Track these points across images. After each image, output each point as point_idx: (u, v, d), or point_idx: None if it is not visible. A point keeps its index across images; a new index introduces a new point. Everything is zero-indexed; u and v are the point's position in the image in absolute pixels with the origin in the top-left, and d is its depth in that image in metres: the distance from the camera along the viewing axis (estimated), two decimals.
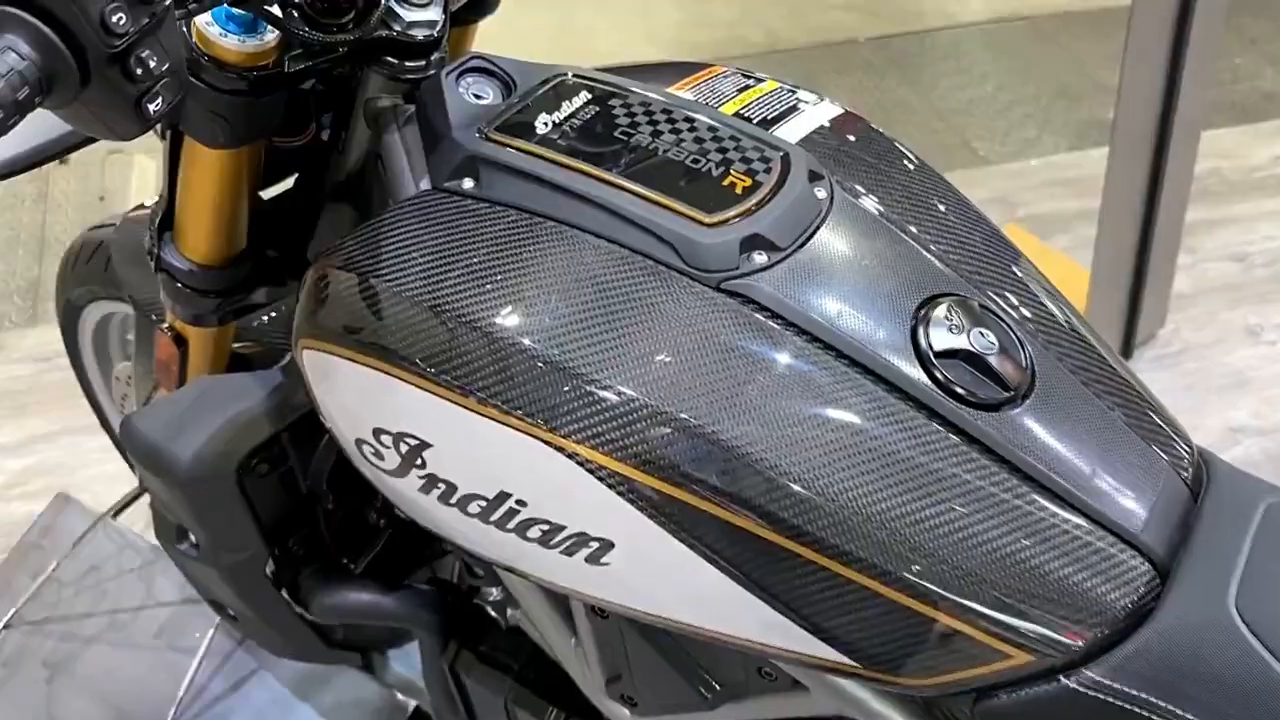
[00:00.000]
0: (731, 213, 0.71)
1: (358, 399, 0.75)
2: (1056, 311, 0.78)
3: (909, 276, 0.72)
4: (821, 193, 0.75)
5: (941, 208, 0.81)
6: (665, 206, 0.72)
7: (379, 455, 0.75)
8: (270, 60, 0.77)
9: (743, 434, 0.65)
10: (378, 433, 0.74)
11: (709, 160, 0.75)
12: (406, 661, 1.19)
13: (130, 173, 2.60)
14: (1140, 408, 0.74)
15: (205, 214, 0.88)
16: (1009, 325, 0.72)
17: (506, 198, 0.75)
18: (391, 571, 0.98)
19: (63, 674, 1.53)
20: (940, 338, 0.69)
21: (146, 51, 0.56)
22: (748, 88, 0.85)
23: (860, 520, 0.65)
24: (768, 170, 0.74)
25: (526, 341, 0.68)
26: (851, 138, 0.83)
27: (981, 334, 0.70)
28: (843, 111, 0.85)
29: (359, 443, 0.76)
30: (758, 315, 0.69)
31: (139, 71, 0.56)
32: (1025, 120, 2.79)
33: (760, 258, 0.70)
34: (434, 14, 0.80)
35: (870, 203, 0.77)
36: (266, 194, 0.97)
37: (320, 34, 0.75)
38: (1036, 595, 0.66)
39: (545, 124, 0.77)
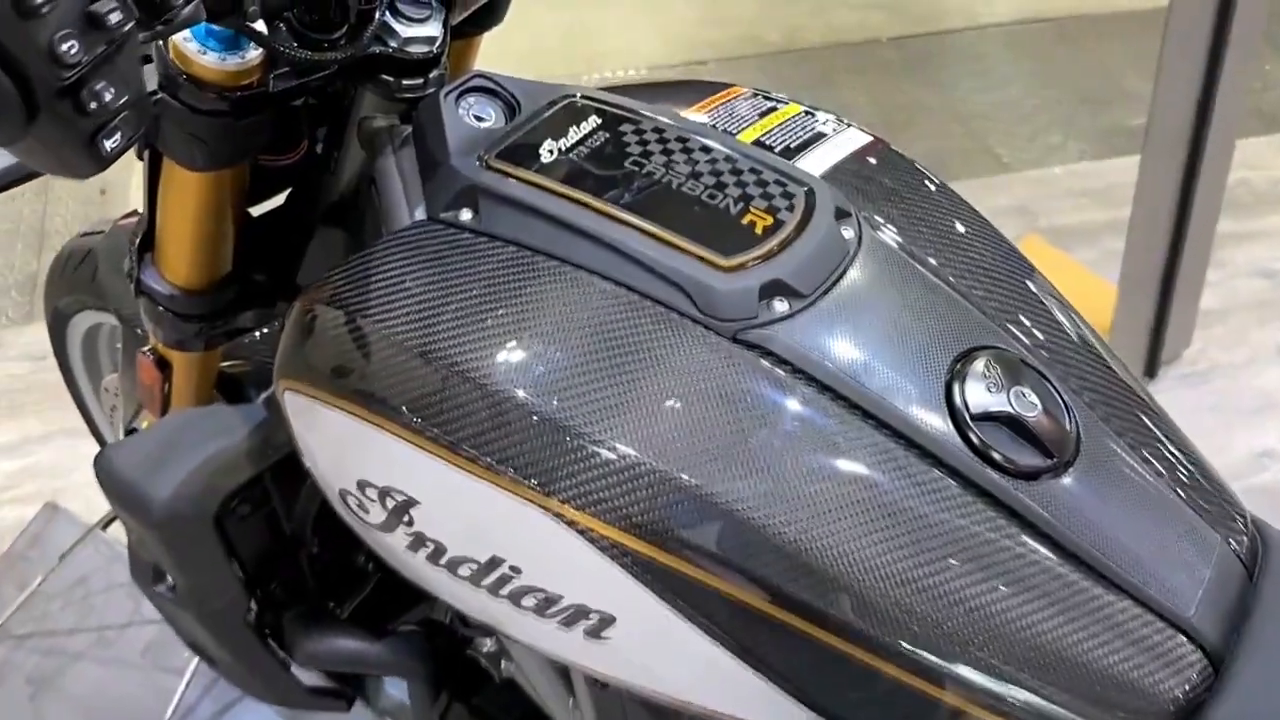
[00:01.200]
0: (750, 255, 0.65)
1: (341, 448, 0.69)
2: (1099, 362, 0.72)
3: (943, 327, 0.67)
4: (849, 232, 0.69)
5: (975, 245, 0.75)
6: (678, 247, 0.66)
7: (363, 508, 0.69)
8: (254, 79, 0.71)
9: (758, 504, 0.60)
10: (362, 485, 0.68)
11: (727, 195, 0.69)
12: (399, 685, 1.14)
13: (133, 165, 2.55)
14: (1190, 471, 0.68)
15: (186, 236, 0.83)
16: (1051, 382, 0.66)
17: (506, 232, 0.69)
18: (380, 616, 0.92)
19: (47, 691, 1.49)
20: (977, 397, 0.63)
21: (102, 83, 0.50)
22: (769, 112, 0.79)
23: (884, 602, 0.59)
24: (790, 207, 0.68)
25: (521, 395, 0.62)
26: (879, 168, 0.77)
27: (1022, 394, 0.64)
28: (870, 139, 0.79)
29: (343, 493, 0.70)
30: (777, 369, 0.63)
31: (93, 105, 0.50)
32: (1049, 126, 2.72)
33: (781, 305, 0.65)
34: (432, 29, 0.75)
35: (901, 242, 0.71)
36: (259, 208, 0.92)
37: (308, 52, 0.69)
38: (1076, 685, 0.60)
39: (550, 151, 0.72)
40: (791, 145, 0.76)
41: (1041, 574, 0.61)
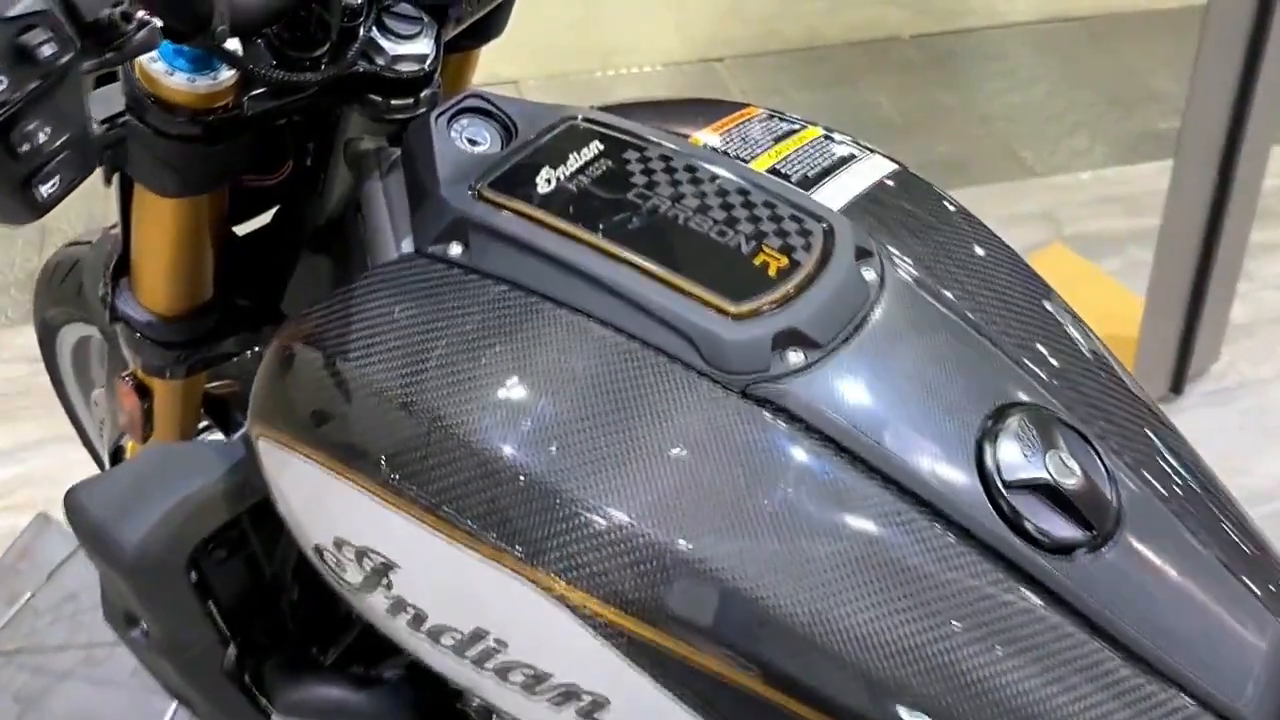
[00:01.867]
0: (763, 300, 0.60)
1: (317, 502, 0.64)
2: (1142, 413, 0.66)
3: (974, 379, 0.61)
4: (870, 274, 0.63)
5: (1003, 281, 0.69)
6: (684, 291, 0.60)
7: (340, 566, 0.64)
8: (227, 101, 0.65)
9: (768, 583, 0.54)
10: (339, 543, 0.63)
11: (738, 233, 0.63)
12: None
13: None
14: (1244, 544, 0.62)
15: (162, 263, 0.78)
16: (1092, 443, 0.61)
17: (498, 269, 0.63)
18: (365, 664, 0.87)
19: (34, 711, 1.44)
20: (1011, 462, 0.58)
21: (35, 122, 0.45)
22: (785, 136, 0.74)
23: (905, 693, 0.54)
24: (807, 246, 0.63)
25: (507, 453, 0.57)
26: (901, 198, 0.71)
27: (1061, 459, 0.58)
28: (893, 166, 0.73)
29: (319, 549, 0.65)
30: (790, 428, 0.58)
31: (25, 148, 0.45)
32: (1075, 129, 2.64)
33: (795, 357, 0.59)
34: (422, 46, 0.69)
35: (927, 283, 0.65)
36: (248, 223, 0.87)
37: (286, 72, 0.64)
38: None
39: (548, 180, 0.66)
40: (809, 174, 0.70)
41: (1079, 660, 0.55)
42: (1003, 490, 0.57)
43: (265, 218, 0.87)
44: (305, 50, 0.66)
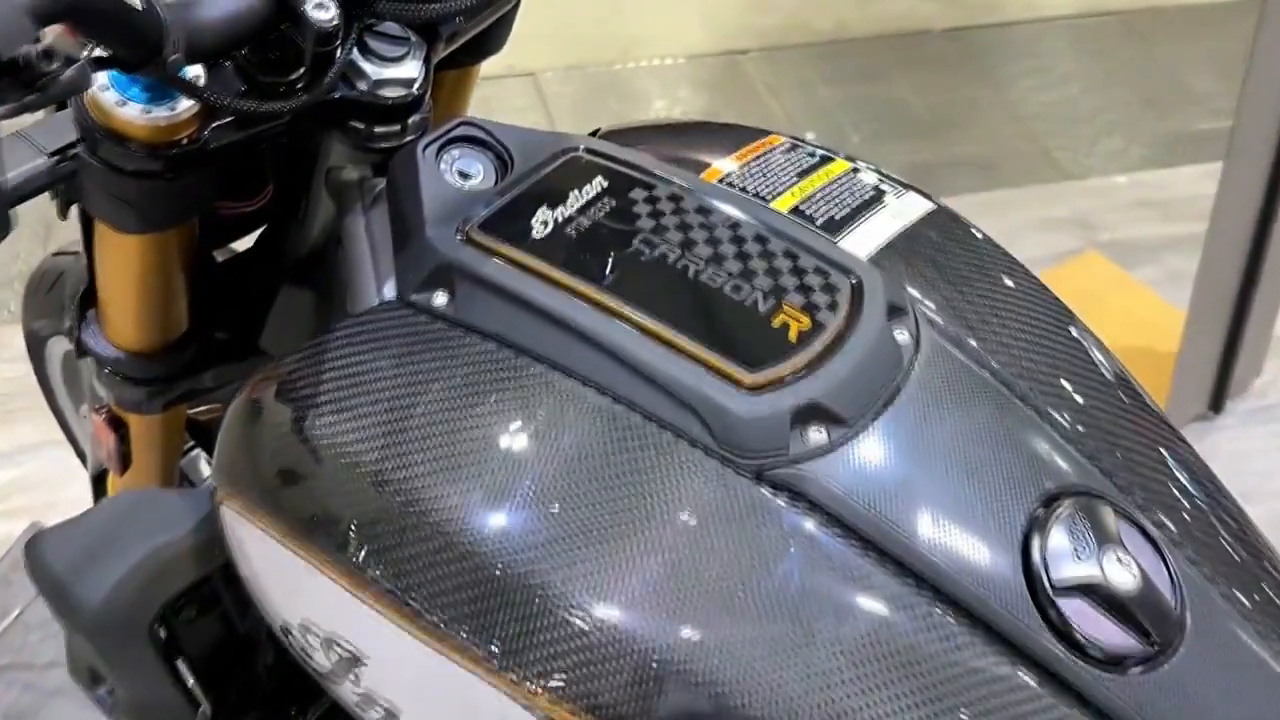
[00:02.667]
0: (782, 369, 0.53)
1: (281, 580, 0.58)
2: (1202, 492, 0.59)
3: (1021, 462, 0.54)
4: (904, 336, 0.56)
5: (1055, 343, 0.62)
6: (692, 356, 0.54)
7: (308, 651, 0.58)
8: (188, 133, 0.59)
9: (781, 703, 0.47)
10: (305, 627, 0.57)
11: (755, 287, 0.56)
12: None
13: None
14: None
15: (129, 300, 0.71)
16: (1152, 538, 0.54)
17: (485, 323, 0.57)
18: None
19: None
20: (1061, 562, 0.51)
21: None
22: (810, 171, 0.67)
23: None
24: (833, 305, 0.56)
25: (486, 542, 0.50)
26: (940, 245, 0.64)
27: (1118, 558, 0.51)
28: (930, 206, 0.66)
29: (285, 629, 0.59)
30: (811, 520, 0.51)
31: None
32: (1110, 129, 2.55)
33: (818, 436, 0.52)
34: (409, 70, 0.63)
35: (968, 345, 0.58)
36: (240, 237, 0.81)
37: (254, 102, 0.57)
38: None
39: (544, 223, 0.60)
40: (836, 216, 0.63)
41: None
42: (1050, 594, 0.50)
43: (252, 237, 0.81)
44: (278, 74, 0.59)
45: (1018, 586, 0.50)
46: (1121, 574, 0.51)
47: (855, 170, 0.67)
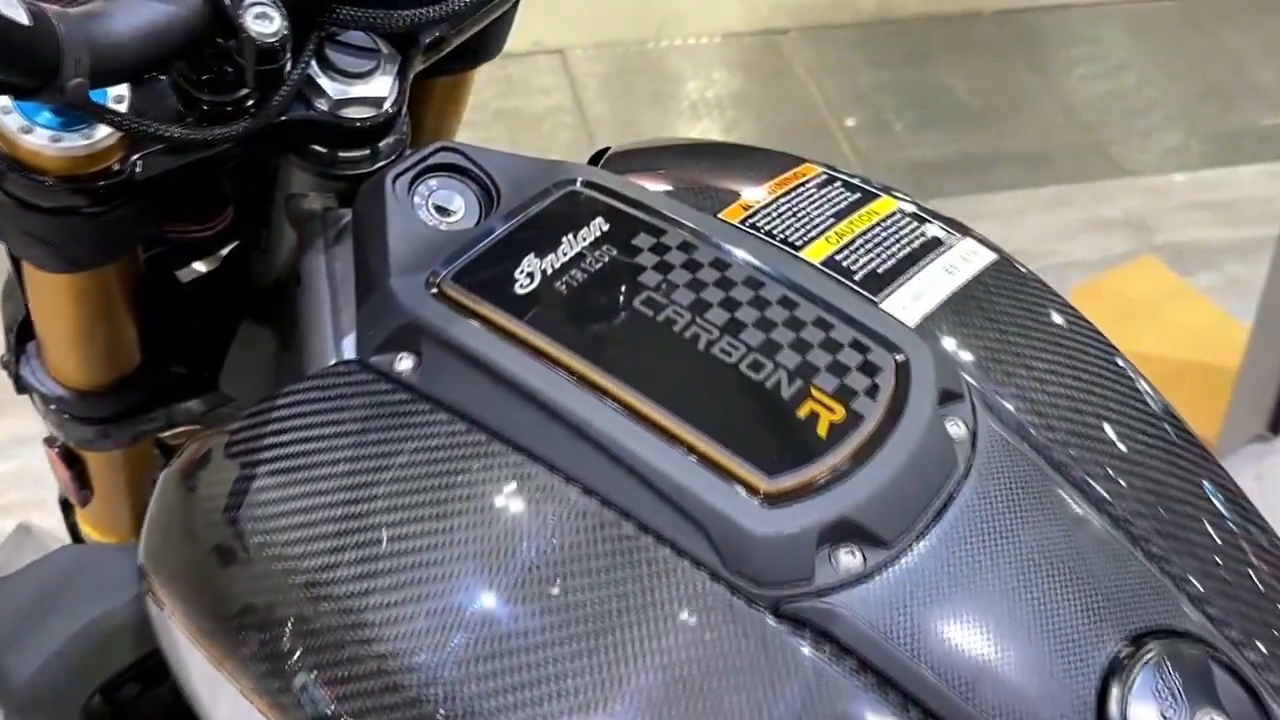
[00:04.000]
0: (808, 474, 0.43)
1: (207, 689, 0.49)
2: None
3: (1099, 593, 0.44)
4: (959, 429, 0.47)
5: (1139, 427, 0.52)
6: (699, 455, 0.44)
7: None
8: (112, 162, 0.50)
9: None
10: None
11: (778, 366, 0.47)
12: None
13: None
14: None
15: (66, 340, 0.63)
16: (1256, 691, 0.44)
17: (454, 397, 0.48)
18: None
19: None
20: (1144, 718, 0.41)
21: None
22: (849, 211, 0.56)
23: None
24: (873, 389, 0.46)
25: (441, 679, 0.41)
26: (1002, 308, 0.54)
27: (1212, 717, 0.42)
28: (993, 257, 0.56)
29: None
30: (839, 666, 0.41)
31: None
32: (1168, 122, 2.42)
33: (851, 560, 0.43)
34: (378, 87, 0.53)
35: (1036, 439, 0.48)
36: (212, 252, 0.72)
37: (180, 129, 0.48)
38: None
39: (530, 275, 0.50)
40: (879, 269, 0.53)
41: None
42: None
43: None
44: (219, 94, 0.50)
45: None
46: None
47: (902, 212, 0.57)
